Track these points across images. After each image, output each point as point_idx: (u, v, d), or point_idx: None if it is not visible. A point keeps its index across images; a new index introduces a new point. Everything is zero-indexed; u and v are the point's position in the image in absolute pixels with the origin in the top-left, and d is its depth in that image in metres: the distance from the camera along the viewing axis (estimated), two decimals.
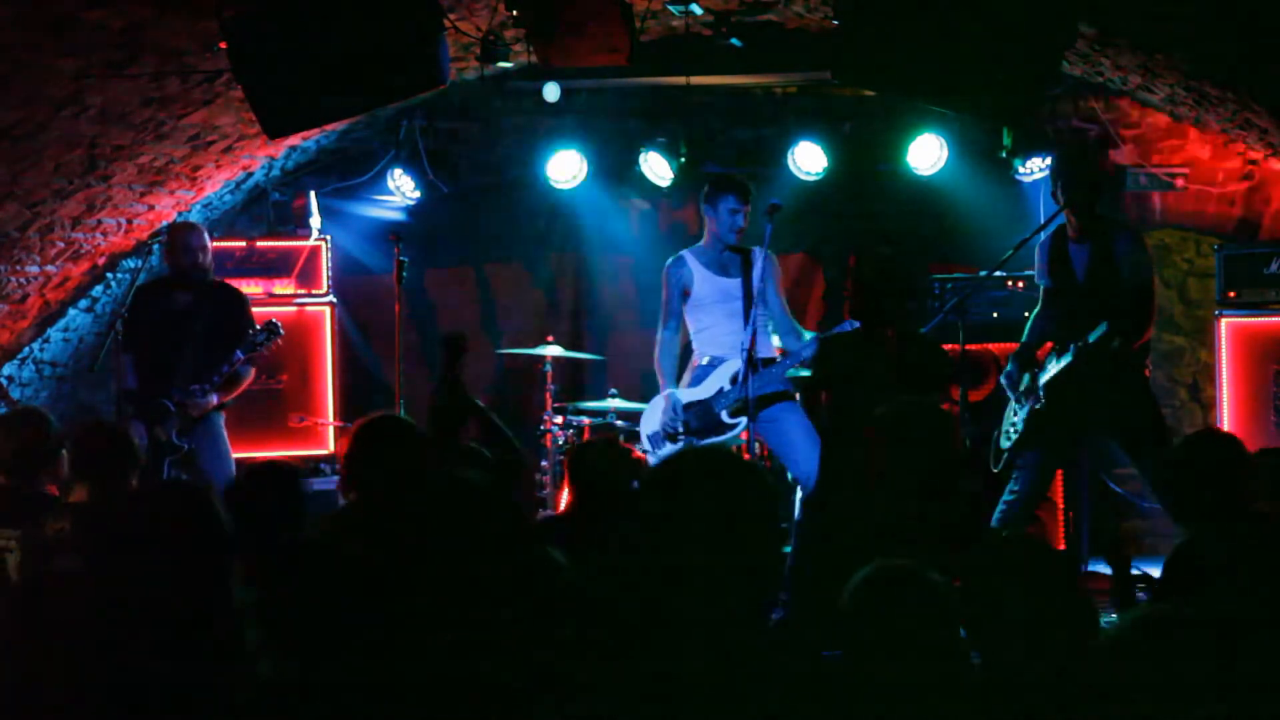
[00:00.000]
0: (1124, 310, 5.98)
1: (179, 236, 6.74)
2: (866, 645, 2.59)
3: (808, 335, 6.58)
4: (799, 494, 6.38)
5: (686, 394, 6.50)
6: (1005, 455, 6.35)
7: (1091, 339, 5.96)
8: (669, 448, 6.48)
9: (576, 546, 3.60)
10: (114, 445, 4.86)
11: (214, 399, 6.54)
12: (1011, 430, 6.36)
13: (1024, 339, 6.53)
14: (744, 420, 6.30)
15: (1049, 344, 6.36)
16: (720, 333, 6.55)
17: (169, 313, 6.64)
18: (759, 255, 6.52)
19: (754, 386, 6.19)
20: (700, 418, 6.47)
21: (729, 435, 6.44)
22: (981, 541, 3.72)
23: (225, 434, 6.67)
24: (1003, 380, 6.52)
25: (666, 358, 6.70)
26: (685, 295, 6.62)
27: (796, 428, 6.40)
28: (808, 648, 2.49)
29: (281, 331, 6.74)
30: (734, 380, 6.38)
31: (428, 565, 2.68)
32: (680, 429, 6.47)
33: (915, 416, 4.01)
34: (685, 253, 6.72)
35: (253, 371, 6.78)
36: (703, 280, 6.57)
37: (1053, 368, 6.22)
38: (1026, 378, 6.35)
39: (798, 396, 6.61)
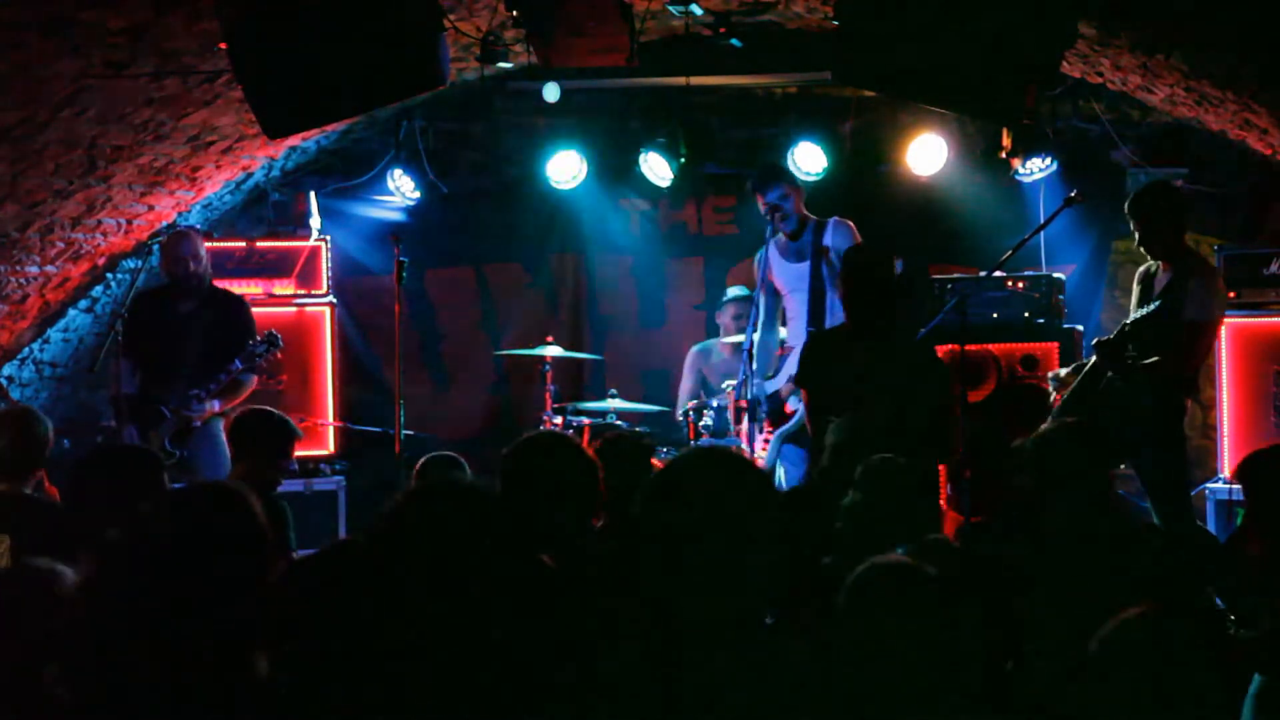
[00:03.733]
0: (1169, 341, 5.75)
1: (166, 248, 6.74)
2: (864, 641, 2.59)
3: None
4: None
5: (770, 385, 6.45)
6: None
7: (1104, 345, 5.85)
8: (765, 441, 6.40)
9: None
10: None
11: (214, 405, 6.53)
12: None
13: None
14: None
15: None
16: (795, 321, 6.46)
17: (169, 320, 6.65)
18: (830, 228, 6.35)
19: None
20: (773, 407, 6.38)
21: (792, 424, 6.31)
22: None
23: (224, 440, 6.65)
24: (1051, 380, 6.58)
25: (760, 354, 6.53)
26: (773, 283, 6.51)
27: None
28: (807, 645, 2.49)
29: (281, 344, 6.74)
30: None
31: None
32: (764, 418, 6.34)
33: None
34: (771, 237, 6.61)
35: (255, 380, 6.77)
36: (778, 266, 6.48)
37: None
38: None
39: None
